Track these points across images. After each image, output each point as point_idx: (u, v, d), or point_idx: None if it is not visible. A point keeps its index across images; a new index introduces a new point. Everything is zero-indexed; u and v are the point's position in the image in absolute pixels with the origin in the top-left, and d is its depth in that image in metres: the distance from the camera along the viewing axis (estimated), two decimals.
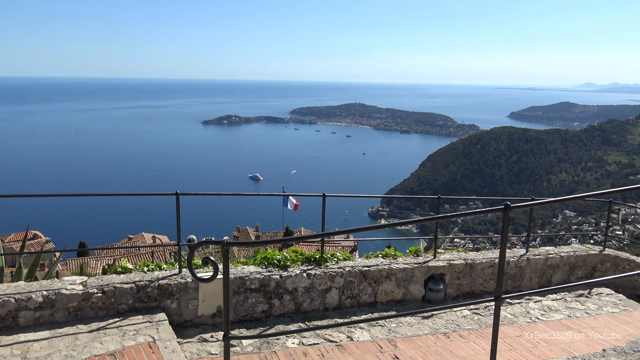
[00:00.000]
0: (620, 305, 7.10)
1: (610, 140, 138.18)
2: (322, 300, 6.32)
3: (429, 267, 6.88)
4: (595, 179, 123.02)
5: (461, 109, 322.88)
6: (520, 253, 7.73)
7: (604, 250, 8.35)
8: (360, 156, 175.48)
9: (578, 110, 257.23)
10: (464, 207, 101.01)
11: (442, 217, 3.20)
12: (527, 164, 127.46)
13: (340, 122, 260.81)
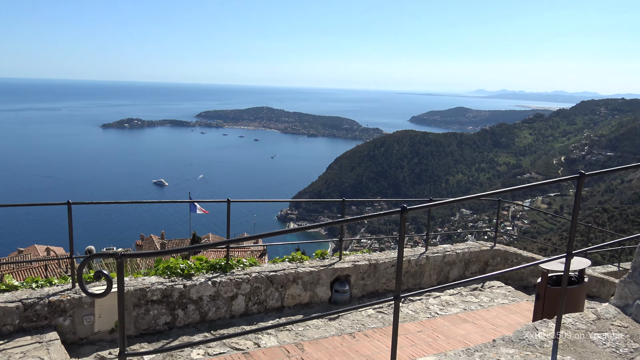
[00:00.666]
0: (510, 297, 7.66)
1: (501, 143, 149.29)
2: (229, 307, 6.21)
3: (334, 269, 6.99)
4: (487, 178, 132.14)
5: (366, 113, 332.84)
6: (420, 252, 8.10)
7: (495, 245, 8.97)
8: (268, 160, 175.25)
9: (472, 115, 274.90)
10: (369, 208, 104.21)
11: (342, 222, 3.27)
12: (427, 166, 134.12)
13: (248, 126, 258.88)
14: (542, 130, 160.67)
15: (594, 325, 3.65)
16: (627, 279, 3.96)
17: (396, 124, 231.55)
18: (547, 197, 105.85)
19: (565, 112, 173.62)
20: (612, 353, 3.34)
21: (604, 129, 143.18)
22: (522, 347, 3.43)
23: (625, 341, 3.46)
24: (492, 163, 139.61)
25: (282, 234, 3.23)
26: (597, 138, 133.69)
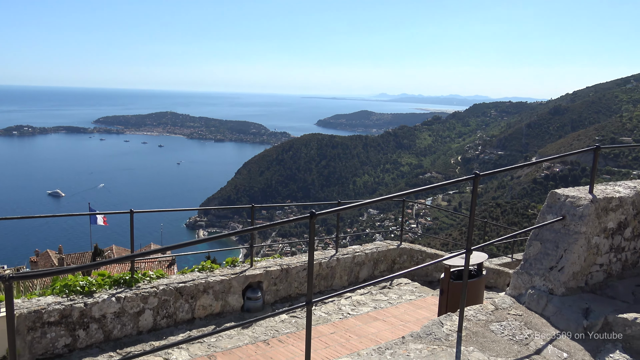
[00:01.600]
0: (416, 292, 7.99)
1: (403, 144, 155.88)
2: (135, 323, 5.92)
3: (246, 276, 6.90)
4: (392, 179, 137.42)
5: (273, 117, 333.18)
6: (331, 254, 8.22)
7: (401, 244, 9.32)
8: (174, 166, 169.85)
9: (375, 118, 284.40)
10: (280, 212, 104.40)
11: (252, 230, 3.23)
12: (335, 168, 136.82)
13: (151, 132, 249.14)
14: (440, 132, 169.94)
15: (493, 316, 3.89)
16: (520, 271, 4.27)
17: (303, 128, 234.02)
18: (447, 195, 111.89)
19: (460, 115, 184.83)
20: (510, 340, 3.58)
21: (494, 130, 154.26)
22: (430, 341, 3.58)
23: (520, 328, 3.72)
24: (395, 164, 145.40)
25: (192, 245, 3.13)
26: (489, 138, 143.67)
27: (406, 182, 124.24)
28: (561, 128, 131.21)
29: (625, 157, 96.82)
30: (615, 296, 4.05)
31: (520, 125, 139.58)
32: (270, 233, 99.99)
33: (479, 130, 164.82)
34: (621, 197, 4.21)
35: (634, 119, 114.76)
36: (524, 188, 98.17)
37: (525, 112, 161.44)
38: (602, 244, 4.15)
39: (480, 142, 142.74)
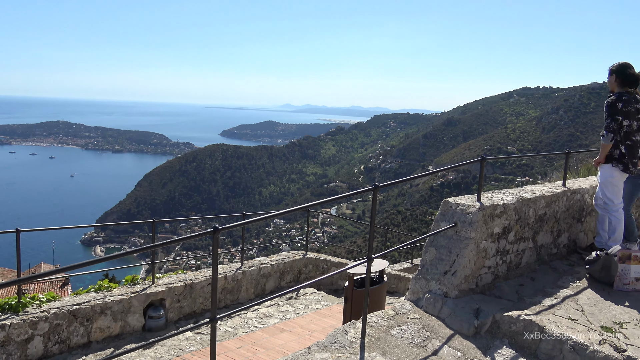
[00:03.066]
0: (322, 302, 8.10)
1: (308, 155, 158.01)
2: (23, 352, 5.45)
3: (147, 294, 6.63)
4: (298, 188, 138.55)
5: (175, 127, 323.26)
6: (237, 267, 8.12)
7: (307, 254, 9.43)
8: (67, 179, 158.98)
9: (280, 128, 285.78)
10: (184, 224, 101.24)
11: (152, 247, 3.12)
12: (240, 179, 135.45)
13: (41, 142, 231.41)
14: (344, 142, 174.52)
15: (394, 321, 4.06)
16: (417, 276, 4.50)
17: (207, 138, 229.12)
18: (351, 204, 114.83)
19: (362, 125, 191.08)
20: (409, 343, 3.75)
21: (394, 140, 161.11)
22: (334, 350, 3.66)
23: (419, 331, 3.91)
24: (301, 174, 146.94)
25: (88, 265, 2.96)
26: (389, 148, 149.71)
27: (312, 191, 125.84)
28: (454, 138, 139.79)
29: (510, 165, 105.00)
30: (502, 296, 4.38)
31: (417, 136, 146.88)
32: (174, 247, 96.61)
33: (380, 140, 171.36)
34: (505, 204, 4.57)
35: (517, 130, 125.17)
36: (422, 195, 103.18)
37: (421, 123, 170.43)
38: (490, 247, 4.48)
39: (381, 152, 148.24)
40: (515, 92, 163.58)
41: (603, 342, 3.58)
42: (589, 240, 5.88)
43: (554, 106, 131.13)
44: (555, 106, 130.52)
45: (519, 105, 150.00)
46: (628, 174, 5.19)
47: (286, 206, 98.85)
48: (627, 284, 4.61)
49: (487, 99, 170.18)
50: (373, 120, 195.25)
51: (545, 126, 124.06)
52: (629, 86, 5.15)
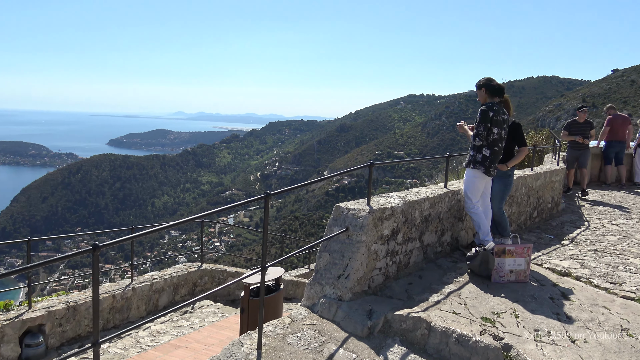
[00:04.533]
0: (219, 313, 7.91)
1: (202, 163, 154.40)
2: None
3: (23, 320, 6.04)
4: (193, 198, 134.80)
5: (56, 137, 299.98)
6: (126, 284, 7.68)
7: (202, 265, 9.16)
8: None
9: (173, 137, 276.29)
10: (69, 240, 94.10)
11: (28, 268, 2.83)
12: (131, 190, 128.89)
13: None
14: (239, 150, 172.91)
15: (290, 328, 4.05)
16: (312, 282, 4.53)
17: (93, 148, 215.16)
18: (249, 212, 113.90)
19: (257, 133, 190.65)
20: (306, 350, 3.76)
21: (289, 147, 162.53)
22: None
23: (315, 337, 3.94)
24: (196, 183, 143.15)
25: None
26: (284, 155, 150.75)
27: (208, 200, 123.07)
28: (347, 144, 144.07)
29: (399, 169, 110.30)
30: (393, 295, 4.55)
31: (312, 142, 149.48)
32: (58, 266, 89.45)
33: (276, 147, 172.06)
34: (393, 207, 4.76)
35: (405, 135, 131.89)
36: (319, 200, 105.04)
37: (316, 130, 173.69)
38: (380, 250, 4.64)
39: (277, 159, 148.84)
40: (402, 99, 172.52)
41: (484, 332, 3.84)
42: (469, 237, 6.30)
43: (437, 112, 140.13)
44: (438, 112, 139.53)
45: (406, 112, 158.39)
46: (489, 177, 5.66)
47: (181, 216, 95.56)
48: (503, 276, 4.99)
49: (377, 105, 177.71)
50: (268, 127, 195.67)
51: (429, 131, 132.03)
52: (498, 96, 5.64)
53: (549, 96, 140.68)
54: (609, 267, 5.92)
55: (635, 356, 3.62)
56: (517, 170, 8.17)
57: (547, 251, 6.55)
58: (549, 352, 3.59)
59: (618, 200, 11.18)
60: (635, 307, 4.63)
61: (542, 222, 8.57)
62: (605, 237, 7.52)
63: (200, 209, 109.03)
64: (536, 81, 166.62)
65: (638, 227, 8.34)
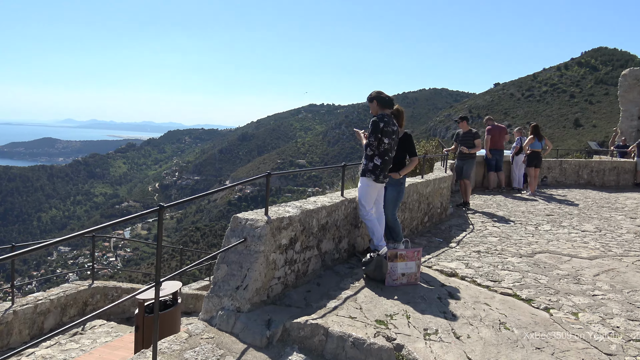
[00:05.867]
0: (113, 333, 7.52)
1: (95, 174, 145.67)
2: None
3: None
4: (85, 211, 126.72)
5: None
6: (6, 307, 7.06)
7: (93, 283, 8.65)
8: None
9: (61, 146, 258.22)
10: None
11: None
12: (13, 204, 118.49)
13: None
14: (136, 159, 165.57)
15: (187, 343, 3.96)
16: (210, 294, 4.47)
17: None
18: (147, 224, 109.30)
19: (155, 141, 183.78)
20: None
21: (190, 156, 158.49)
22: None
23: (213, 351, 3.88)
24: (88, 195, 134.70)
25: None
26: (185, 164, 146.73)
27: (101, 213, 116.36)
28: (249, 153, 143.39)
29: (302, 177, 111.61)
30: (292, 304, 4.61)
31: (213, 151, 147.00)
32: None
33: (175, 156, 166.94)
34: (290, 217, 4.83)
35: (306, 143, 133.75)
36: (221, 210, 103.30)
37: (217, 139, 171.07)
38: (279, 259, 4.68)
39: (177, 169, 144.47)
40: (303, 109, 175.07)
41: (377, 334, 4.00)
42: (365, 243, 6.54)
43: (337, 122, 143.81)
44: (338, 122, 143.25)
45: (307, 121, 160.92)
46: (380, 184, 5.96)
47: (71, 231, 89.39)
48: (396, 279, 5.24)
49: (279, 114, 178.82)
50: (167, 135, 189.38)
51: (330, 140, 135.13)
52: (388, 108, 5.95)
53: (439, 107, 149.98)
54: (490, 266, 6.42)
55: (510, 347, 3.96)
56: (408, 178, 8.63)
57: (437, 254, 6.97)
58: (436, 349, 3.82)
59: (499, 204, 12.17)
60: (512, 302, 5.06)
61: (432, 226, 9.10)
62: (487, 239, 8.14)
63: (93, 223, 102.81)
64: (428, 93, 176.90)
65: (515, 229, 9.13)
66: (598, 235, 8.89)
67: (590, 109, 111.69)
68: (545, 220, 10.18)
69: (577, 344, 4.09)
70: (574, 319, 4.69)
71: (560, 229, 9.32)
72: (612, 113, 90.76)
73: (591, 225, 9.85)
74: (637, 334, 4.37)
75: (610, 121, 79.72)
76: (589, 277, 6.16)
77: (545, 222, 9.96)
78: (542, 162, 15.04)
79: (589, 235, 8.85)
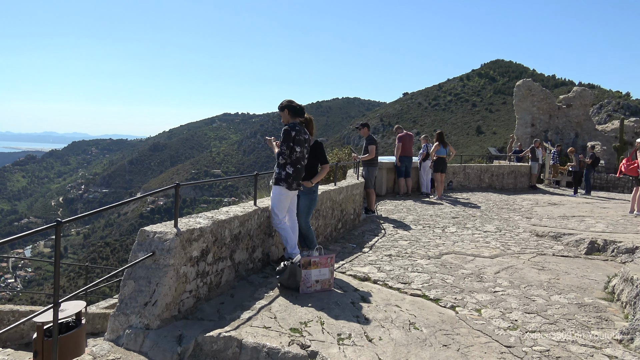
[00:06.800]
0: None
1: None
2: None
3: None
4: None
5: None
6: None
7: None
8: None
9: None
10: None
11: None
12: None
13: None
14: (37, 172, 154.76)
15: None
16: (116, 312, 4.26)
17: None
18: (50, 241, 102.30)
19: (58, 153, 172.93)
20: None
21: (97, 168, 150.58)
22: None
23: None
24: None
25: None
26: (92, 176, 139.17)
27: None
28: (162, 163, 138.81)
29: (217, 187, 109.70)
30: (204, 317, 4.50)
31: (123, 162, 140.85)
32: None
33: (81, 168, 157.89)
34: (202, 228, 4.73)
35: (221, 153, 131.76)
36: (132, 224, 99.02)
37: (126, 149, 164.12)
38: (190, 272, 4.56)
39: (83, 181, 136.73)
40: (217, 118, 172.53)
41: (292, 342, 4.00)
42: (279, 252, 6.54)
43: (252, 131, 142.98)
44: (253, 130, 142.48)
45: (222, 130, 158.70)
46: (293, 193, 6.01)
47: None
48: (310, 286, 5.28)
49: (192, 124, 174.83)
50: (71, 147, 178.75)
51: (245, 149, 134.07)
52: (299, 116, 6.01)
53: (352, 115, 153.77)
54: (400, 269, 6.65)
55: (419, 346, 4.12)
56: (321, 186, 8.75)
57: (350, 259, 7.10)
58: (349, 354, 3.88)
59: (409, 208, 12.65)
60: (421, 303, 5.27)
61: (346, 232, 9.28)
62: (398, 243, 8.43)
63: None
64: (341, 102, 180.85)
65: (424, 232, 9.53)
66: (498, 235, 9.50)
67: (490, 117, 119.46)
68: (451, 222, 10.72)
69: (480, 339, 4.33)
70: (477, 315, 4.97)
71: (465, 230, 9.85)
72: (509, 121, 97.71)
73: (492, 226, 10.51)
74: (533, 326, 4.71)
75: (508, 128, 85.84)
76: (491, 274, 6.56)
77: (452, 224, 10.49)
78: (447, 168, 15.85)
79: (490, 235, 9.43)
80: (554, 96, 29.47)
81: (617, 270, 6.61)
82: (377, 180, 14.59)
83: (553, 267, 7.14)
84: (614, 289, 5.89)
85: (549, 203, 14.89)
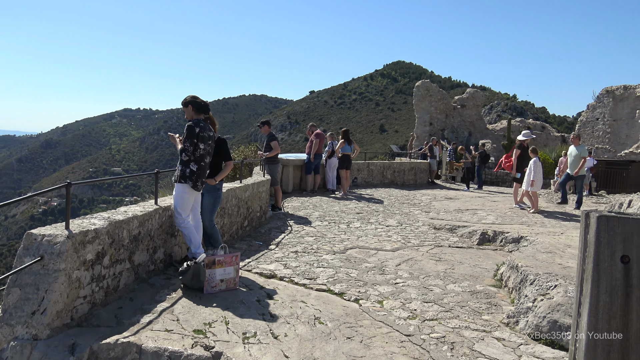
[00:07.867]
0: None
1: None
2: None
3: None
4: None
5: None
6: None
7: None
8: None
9: None
10: None
11: None
12: None
13: None
14: None
15: None
16: (0, 324, 3.91)
17: None
18: None
19: None
20: None
21: None
22: None
23: None
24: None
25: None
26: None
27: None
28: (55, 161, 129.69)
29: (118, 186, 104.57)
30: (101, 323, 4.26)
31: (10, 160, 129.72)
32: None
33: None
34: (97, 229, 4.46)
35: (122, 150, 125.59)
36: (22, 227, 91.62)
37: (14, 146, 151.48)
38: (84, 276, 4.29)
39: None
40: (117, 113, 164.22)
41: (195, 344, 3.90)
42: (183, 252, 6.35)
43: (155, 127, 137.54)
44: (156, 127, 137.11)
45: (122, 126, 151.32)
46: (197, 191, 5.88)
47: None
48: (214, 286, 5.18)
49: (89, 119, 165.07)
50: None
51: (148, 146, 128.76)
52: (204, 112, 5.87)
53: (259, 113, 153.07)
54: (306, 265, 6.72)
55: (324, 340, 4.18)
56: (226, 183, 8.61)
57: (256, 257, 7.06)
58: (255, 352, 3.86)
59: (315, 205, 12.82)
60: (326, 298, 5.35)
61: (252, 230, 9.21)
62: (304, 239, 8.51)
63: None
64: (248, 99, 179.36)
65: (330, 227, 9.71)
66: (400, 229, 9.90)
67: (392, 115, 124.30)
68: (355, 218, 11.01)
69: (381, 329, 4.49)
70: (379, 306, 5.14)
71: (369, 225, 10.17)
72: (410, 120, 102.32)
73: (394, 220, 10.94)
74: (431, 314, 4.96)
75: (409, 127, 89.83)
76: (392, 267, 6.82)
77: (356, 219, 10.78)
78: (352, 165, 16.26)
79: (392, 229, 9.80)
80: (450, 97, 31.30)
81: (505, 259, 7.14)
82: (284, 177, 14.66)
83: (449, 257, 7.57)
84: (502, 276, 6.36)
85: (445, 198, 15.77)
